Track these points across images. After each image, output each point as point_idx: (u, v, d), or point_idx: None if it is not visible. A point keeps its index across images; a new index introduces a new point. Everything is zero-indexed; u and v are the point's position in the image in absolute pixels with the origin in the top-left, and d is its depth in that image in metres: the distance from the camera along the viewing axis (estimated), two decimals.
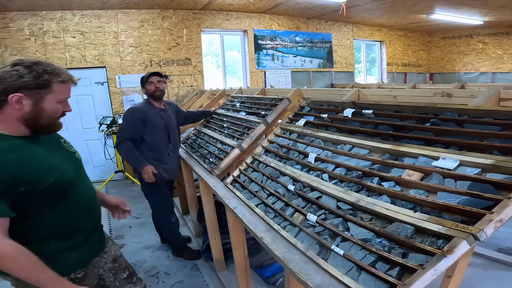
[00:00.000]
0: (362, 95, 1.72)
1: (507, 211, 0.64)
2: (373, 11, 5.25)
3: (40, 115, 0.93)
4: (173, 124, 2.28)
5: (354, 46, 6.76)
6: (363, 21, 6.34)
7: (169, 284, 2.03)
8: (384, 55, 7.38)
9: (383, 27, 7.04)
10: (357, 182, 1.04)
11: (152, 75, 2.17)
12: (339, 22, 6.19)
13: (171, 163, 2.25)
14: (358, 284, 0.80)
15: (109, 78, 4.26)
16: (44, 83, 0.91)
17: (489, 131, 0.82)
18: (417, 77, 7.97)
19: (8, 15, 3.77)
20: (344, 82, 6.35)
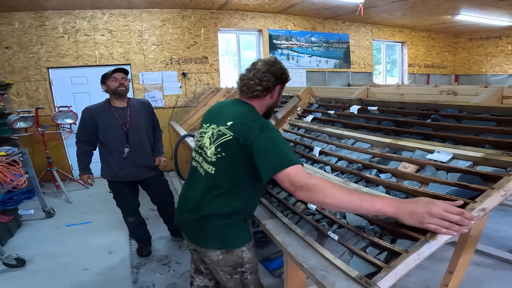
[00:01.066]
0: (371, 93, 1.75)
1: (489, 200, 0.67)
2: (393, 11, 5.15)
3: (275, 105, 1.17)
4: (136, 124, 2.12)
5: (374, 47, 6.66)
6: (383, 21, 6.23)
7: (179, 273, 2.14)
8: (405, 56, 7.22)
9: (405, 28, 6.88)
10: (357, 174, 1.09)
11: (116, 71, 2.04)
12: (358, 22, 6.13)
13: (128, 165, 2.12)
14: (349, 267, 0.85)
15: (133, 75, 4.46)
16: (287, 81, 1.14)
17: (484, 127, 0.84)
18: (441, 78, 7.73)
19: (45, 13, 4.04)
20: (361, 82, 6.27)
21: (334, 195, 0.82)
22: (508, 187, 0.67)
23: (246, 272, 1.18)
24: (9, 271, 2.16)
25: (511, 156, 0.72)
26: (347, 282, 0.81)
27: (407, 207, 0.76)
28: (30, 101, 4.12)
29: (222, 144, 1.05)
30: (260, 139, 0.95)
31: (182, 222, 1.22)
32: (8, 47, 3.96)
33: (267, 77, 1.08)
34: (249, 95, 1.11)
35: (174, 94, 4.69)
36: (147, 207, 3.33)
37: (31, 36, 4.03)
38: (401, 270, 0.75)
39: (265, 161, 0.93)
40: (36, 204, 3.12)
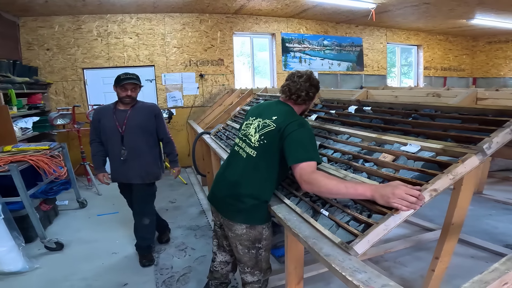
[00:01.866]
0: (370, 95, 1.93)
1: (439, 182, 0.86)
2: (406, 16, 5.22)
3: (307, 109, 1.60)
4: (133, 127, 2.09)
5: (390, 50, 6.73)
6: (397, 25, 6.29)
7: (194, 257, 2.39)
8: (421, 59, 7.23)
9: (421, 31, 6.90)
10: (347, 163, 1.29)
11: (129, 84, 2.03)
12: (371, 26, 6.22)
13: (122, 168, 2.12)
14: (334, 236, 1.06)
15: (156, 76, 4.78)
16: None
17: (450, 124, 1.02)
18: (458, 81, 7.65)
19: (81, 17, 4.38)
20: (374, 85, 6.36)
21: (327, 186, 1.07)
22: (456, 172, 0.85)
23: (262, 249, 1.41)
24: (49, 254, 2.45)
25: (463, 148, 0.89)
26: (332, 247, 1.02)
27: (379, 190, 0.96)
28: (66, 100, 4.48)
29: (265, 133, 1.31)
30: (296, 132, 1.20)
31: (217, 197, 1.46)
32: (49, 49, 4.32)
33: (312, 89, 1.40)
34: (296, 101, 1.40)
35: (192, 94, 4.96)
36: (167, 200, 3.63)
37: (69, 39, 4.37)
38: (372, 237, 0.95)
39: (291, 151, 1.18)
40: (71, 195, 3.44)
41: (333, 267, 0.92)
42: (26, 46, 4.23)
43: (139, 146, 2.12)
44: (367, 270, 0.86)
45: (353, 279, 0.83)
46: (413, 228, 2.63)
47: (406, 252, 2.26)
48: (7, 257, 2.14)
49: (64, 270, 2.20)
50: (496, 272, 0.61)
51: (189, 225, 2.97)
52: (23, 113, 3.69)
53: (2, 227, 2.15)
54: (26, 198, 2.37)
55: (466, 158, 0.85)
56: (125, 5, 4.15)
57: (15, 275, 2.15)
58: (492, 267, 0.63)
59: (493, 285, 0.60)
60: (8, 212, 2.26)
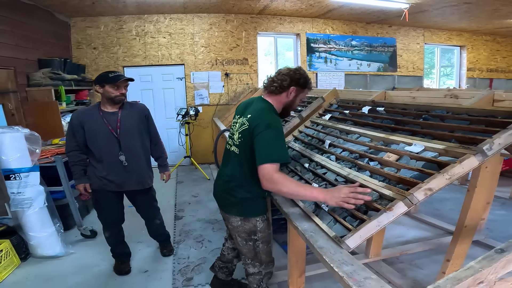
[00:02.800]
0: (388, 96, 1.88)
1: (434, 181, 0.85)
2: (446, 16, 4.89)
3: (291, 105, 1.40)
4: (127, 129, 1.93)
5: (430, 51, 6.37)
6: (437, 25, 5.93)
7: (209, 249, 2.51)
8: (464, 60, 6.76)
9: (464, 31, 6.44)
10: (352, 161, 1.29)
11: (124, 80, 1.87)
12: (407, 26, 5.93)
13: (123, 175, 1.95)
14: (330, 230, 1.09)
15: (186, 75, 4.99)
16: (305, 85, 1.38)
17: (457, 125, 0.99)
18: (506, 83, 7.03)
19: (122, 18, 4.69)
20: (409, 86, 6.08)
21: (287, 186, 1.16)
22: (452, 172, 0.83)
23: (258, 241, 1.45)
24: (84, 241, 2.67)
25: (464, 149, 0.87)
26: (327, 241, 1.05)
27: (329, 194, 1.10)
28: None
29: (242, 132, 1.36)
30: (263, 134, 1.22)
31: (217, 192, 1.56)
32: (95, 48, 4.70)
33: (284, 77, 1.34)
34: (267, 90, 1.39)
35: (217, 92, 5.12)
36: (190, 194, 3.81)
37: (112, 38, 4.71)
38: (364, 233, 0.96)
39: (258, 152, 1.22)
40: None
41: (323, 259, 0.95)
42: (76, 45, 4.65)
43: (136, 150, 1.98)
44: (354, 263, 0.88)
45: (339, 271, 0.86)
46: (436, 231, 2.52)
47: (425, 255, 2.18)
48: (47, 242, 2.34)
49: (94, 256, 2.38)
50: (470, 270, 0.61)
51: (208, 219, 3.12)
52: (71, 109, 3.99)
53: (45, 214, 2.36)
54: (68, 188, 2.60)
55: (464, 159, 0.83)
56: (159, 6, 4.39)
57: (52, 259, 2.35)
58: (467, 265, 0.63)
59: (466, 282, 0.60)
60: (51, 200, 2.49)
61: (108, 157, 1.91)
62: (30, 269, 2.24)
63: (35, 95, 3.57)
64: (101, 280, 2.11)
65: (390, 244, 2.29)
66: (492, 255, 0.62)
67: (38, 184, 2.32)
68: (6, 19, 3.28)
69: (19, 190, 2.25)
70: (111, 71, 1.89)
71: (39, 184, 2.33)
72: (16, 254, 2.27)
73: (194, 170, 4.82)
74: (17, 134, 2.25)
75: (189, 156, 4.84)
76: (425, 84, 6.72)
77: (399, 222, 2.76)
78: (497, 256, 0.61)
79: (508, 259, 0.61)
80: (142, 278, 2.11)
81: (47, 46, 4.03)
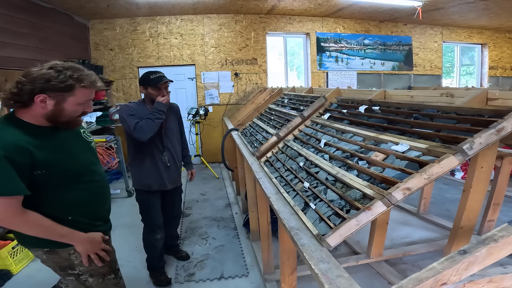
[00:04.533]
0: (388, 95, 1.85)
1: (412, 181, 0.84)
2: (464, 13, 4.69)
3: (60, 114, 1.03)
4: (170, 129, 1.99)
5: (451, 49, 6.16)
6: (455, 23, 5.69)
7: (213, 246, 2.57)
8: (485, 59, 6.46)
9: (486, 29, 6.14)
10: (343, 161, 1.29)
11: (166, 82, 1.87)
12: (423, 24, 5.74)
13: (167, 173, 1.98)
14: (315, 228, 1.09)
15: (197, 75, 5.11)
16: (67, 87, 1.01)
17: (443, 124, 0.97)
18: None
19: (137, 19, 4.87)
20: (426, 85, 5.90)
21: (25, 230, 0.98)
22: (431, 172, 0.82)
23: (83, 275, 1.17)
24: None
25: (445, 148, 0.85)
26: (310, 238, 1.06)
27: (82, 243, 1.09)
28: (125, 96, 5.02)
29: None
30: None
31: None
32: (112, 49, 4.91)
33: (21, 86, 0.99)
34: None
35: (227, 92, 5.19)
36: (198, 192, 3.89)
37: (127, 40, 4.90)
38: (344, 231, 0.96)
39: None
40: (122, 185, 3.87)
41: (304, 256, 0.96)
42: (94, 47, 4.87)
43: (176, 149, 2.05)
44: (331, 261, 0.89)
45: (315, 268, 0.87)
46: (444, 232, 2.44)
47: (429, 256, 2.12)
48: None
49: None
50: (431, 271, 0.61)
51: (214, 216, 3.19)
52: None
53: None
54: None
55: (443, 159, 0.81)
56: (170, 7, 4.51)
57: None
58: (430, 266, 0.63)
59: (427, 283, 0.60)
60: None
61: (155, 156, 1.94)
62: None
63: None
64: None
65: (395, 245, 2.25)
66: (454, 256, 0.61)
67: None
68: (27, 22, 3.50)
69: None
70: (153, 72, 1.88)
71: None
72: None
73: (204, 169, 4.92)
74: None
75: (199, 155, 4.93)
76: (444, 83, 6.48)
77: (406, 222, 2.69)
78: (459, 257, 0.60)
79: (470, 260, 0.60)
80: (145, 273, 2.16)
81: (66, 48, 4.25)
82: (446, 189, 3.58)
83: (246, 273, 2.16)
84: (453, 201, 3.15)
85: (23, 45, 3.41)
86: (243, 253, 2.45)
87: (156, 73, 1.87)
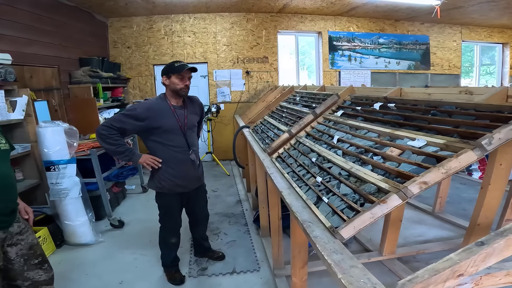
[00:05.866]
0: (404, 93, 1.83)
1: (429, 175, 0.84)
2: (484, 12, 4.55)
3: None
4: (191, 126, 1.89)
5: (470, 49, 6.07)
6: (475, 22, 5.54)
7: (225, 241, 2.61)
8: (507, 58, 6.26)
9: (507, 28, 5.94)
10: (357, 156, 1.29)
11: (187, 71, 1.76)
12: (442, 23, 5.60)
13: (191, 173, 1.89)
14: (328, 221, 1.10)
15: (209, 73, 5.16)
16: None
17: (462, 120, 0.96)
18: None
19: (153, 18, 4.95)
20: (443, 84, 5.80)
21: None
22: (449, 166, 0.82)
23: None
24: (112, 230, 2.86)
25: (463, 143, 0.84)
26: (323, 231, 1.07)
27: None
28: (140, 93, 5.12)
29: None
30: None
31: None
32: (129, 47, 5.01)
33: None
34: None
35: (239, 90, 5.21)
36: (210, 189, 3.93)
37: (144, 38, 4.99)
38: (358, 224, 0.97)
39: None
40: (137, 181, 3.98)
41: (317, 247, 0.98)
42: (113, 44, 4.99)
43: (196, 146, 1.94)
44: (344, 252, 0.90)
45: (328, 258, 0.88)
46: (460, 231, 2.39)
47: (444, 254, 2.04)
48: (80, 230, 2.51)
49: (120, 245, 2.57)
50: (448, 262, 0.61)
51: (225, 212, 3.23)
52: (107, 105, 4.33)
53: (80, 204, 2.53)
54: (100, 179, 2.79)
55: (461, 153, 0.81)
56: (184, 5, 4.57)
57: (83, 246, 2.53)
58: (447, 257, 0.63)
59: (443, 273, 0.61)
60: (85, 191, 2.62)
61: (180, 156, 1.82)
62: (63, 255, 2.43)
63: (76, 92, 3.88)
64: (124, 267, 2.26)
65: (408, 243, 2.21)
66: (471, 248, 0.61)
67: (74, 176, 2.49)
68: (52, 20, 3.64)
69: (57, 180, 2.43)
70: (177, 61, 1.79)
71: (75, 175, 2.50)
72: (52, 241, 2.47)
73: (215, 166, 4.97)
74: (58, 128, 2.43)
75: (211, 152, 4.99)
76: (463, 83, 6.32)
77: (421, 221, 2.65)
78: (476, 248, 0.61)
79: (488, 252, 0.60)
80: (159, 268, 2.18)
81: (87, 45, 4.39)
82: (463, 189, 3.50)
83: (258, 268, 2.18)
84: (469, 201, 3.07)
85: (47, 43, 3.55)
86: (254, 248, 2.48)
87: (180, 62, 1.80)
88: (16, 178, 1.77)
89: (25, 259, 1.35)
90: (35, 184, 2.57)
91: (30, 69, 3.21)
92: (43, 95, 3.38)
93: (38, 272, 1.40)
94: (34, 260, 1.39)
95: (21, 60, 2.98)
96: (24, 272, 1.35)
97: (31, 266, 1.38)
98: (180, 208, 2.00)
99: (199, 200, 2.11)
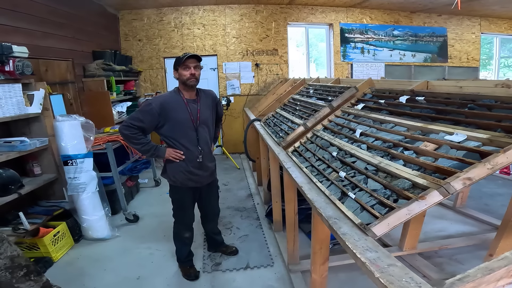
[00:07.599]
0: (431, 86, 1.75)
1: (474, 171, 0.79)
2: (504, 4, 4.40)
3: None
4: (204, 120, 1.86)
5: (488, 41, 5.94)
6: (495, 14, 5.34)
7: (238, 236, 2.60)
8: None
9: None
10: (385, 150, 1.24)
11: (189, 58, 1.74)
12: (460, 15, 5.41)
13: (202, 167, 1.89)
14: (356, 217, 1.06)
15: (218, 65, 5.11)
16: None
17: (504, 114, 0.90)
18: None
19: (162, 10, 4.89)
20: (461, 77, 5.65)
21: None
22: (495, 162, 0.76)
23: None
24: (128, 224, 2.86)
25: (510, 138, 0.79)
26: (351, 228, 1.03)
27: None
28: (152, 86, 5.09)
29: None
30: None
31: None
32: (140, 40, 4.98)
33: None
34: None
35: (248, 83, 5.15)
36: (220, 182, 3.90)
37: (154, 30, 4.94)
38: (393, 221, 0.92)
39: None
40: (150, 175, 3.99)
41: (346, 245, 0.94)
42: (124, 37, 4.96)
43: (208, 140, 1.93)
44: (379, 250, 0.86)
45: (361, 257, 0.84)
46: (483, 226, 2.34)
47: (468, 250, 2.04)
48: (97, 225, 2.51)
49: (136, 239, 2.57)
50: (504, 261, 0.57)
51: (236, 207, 3.21)
52: (120, 98, 4.32)
53: (97, 198, 2.53)
54: (116, 173, 2.79)
55: (509, 149, 0.76)
56: None
57: (100, 241, 2.54)
58: (502, 255, 0.59)
59: (498, 273, 0.56)
60: (102, 186, 2.62)
61: (191, 150, 1.83)
62: (81, 250, 2.45)
63: (90, 85, 3.87)
64: (140, 262, 2.27)
65: (429, 238, 2.17)
66: None
67: (91, 170, 2.49)
68: (65, 13, 3.61)
69: (75, 175, 2.43)
70: (185, 53, 1.80)
71: (92, 169, 2.50)
72: (70, 235, 2.49)
73: (225, 159, 4.96)
74: (75, 122, 2.42)
75: (221, 145, 4.97)
76: (482, 75, 6.14)
77: (442, 216, 2.59)
78: None
79: None
80: (173, 263, 2.19)
81: (99, 38, 4.36)
82: (483, 183, 3.41)
83: (271, 263, 2.17)
84: (491, 195, 2.99)
85: (61, 36, 3.52)
86: (267, 243, 2.46)
87: (187, 53, 1.79)
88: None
89: (10, 272, 1.32)
90: (53, 179, 2.57)
91: (46, 62, 3.20)
92: (58, 88, 3.38)
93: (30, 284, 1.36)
94: (19, 272, 1.35)
95: (36, 53, 2.96)
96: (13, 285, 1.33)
97: (20, 279, 1.35)
98: (193, 202, 2.02)
99: (211, 196, 2.11)
